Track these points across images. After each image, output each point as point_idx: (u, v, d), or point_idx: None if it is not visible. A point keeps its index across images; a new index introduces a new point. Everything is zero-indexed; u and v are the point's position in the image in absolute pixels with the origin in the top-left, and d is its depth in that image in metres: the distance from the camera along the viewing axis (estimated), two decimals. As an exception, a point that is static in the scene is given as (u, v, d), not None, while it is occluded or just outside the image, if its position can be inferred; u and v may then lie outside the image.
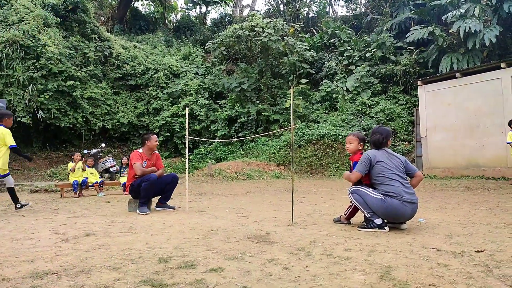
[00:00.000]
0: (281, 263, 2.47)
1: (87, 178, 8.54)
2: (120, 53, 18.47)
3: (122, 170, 9.81)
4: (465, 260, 2.50)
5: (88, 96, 15.89)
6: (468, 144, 11.36)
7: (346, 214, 4.01)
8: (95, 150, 11.68)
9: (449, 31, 14.62)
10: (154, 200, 5.60)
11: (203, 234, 3.54)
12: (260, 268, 2.36)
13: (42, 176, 13.60)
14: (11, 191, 5.63)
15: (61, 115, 15.03)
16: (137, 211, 5.09)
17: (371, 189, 3.65)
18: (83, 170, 8.65)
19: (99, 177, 9.34)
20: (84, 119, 15.78)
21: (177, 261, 2.52)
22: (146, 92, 18.66)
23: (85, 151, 11.93)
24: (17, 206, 5.63)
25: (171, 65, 19.54)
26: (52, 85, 14.45)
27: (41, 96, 14.22)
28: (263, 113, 17.06)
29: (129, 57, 18.74)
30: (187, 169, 5.82)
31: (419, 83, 12.95)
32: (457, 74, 11.86)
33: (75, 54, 16.09)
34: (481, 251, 2.75)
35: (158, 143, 5.66)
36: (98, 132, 16.80)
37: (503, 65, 10.70)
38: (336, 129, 15.00)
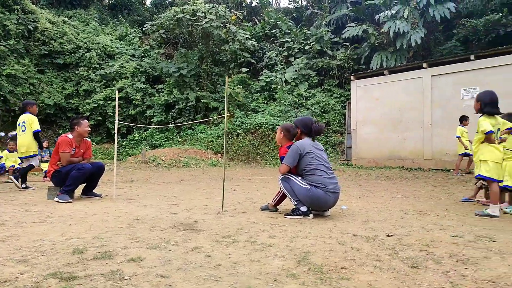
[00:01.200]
0: (204, 251, 2.46)
1: (4, 163, 7.77)
2: (46, 28, 16.91)
3: (43, 153, 9.06)
4: (376, 244, 2.70)
5: (7, 73, 14.38)
6: (391, 137, 12.26)
7: (274, 201, 4.12)
8: (13, 133, 10.63)
9: (381, 30, 15.53)
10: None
11: (128, 223, 3.41)
12: (182, 256, 2.34)
13: (-51, 160, 12.09)
14: (27, 170, 6.39)
15: (-26, 92, 13.46)
16: (57, 199, 4.74)
17: (299, 178, 3.78)
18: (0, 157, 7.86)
19: (19, 163, 8.54)
20: (2, 98, 14.27)
21: (94, 252, 2.39)
22: (76, 72, 17.38)
23: (2, 134, 10.87)
24: (22, 186, 6.29)
25: (105, 45, 18.38)
26: (-38, 59, 12.84)
27: None
28: (202, 100, 16.81)
29: (57, 33, 17.24)
30: (115, 155, 5.55)
31: (352, 78, 13.63)
32: (385, 72, 12.69)
33: (-8, 25, 14.41)
34: (391, 235, 2.98)
35: (89, 129, 5.27)
36: (18, 113, 15.28)
37: (425, 65, 11.65)
38: (274, 119, 15.29)
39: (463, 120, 9.18)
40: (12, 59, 14.97)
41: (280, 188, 3.92)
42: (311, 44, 17.74)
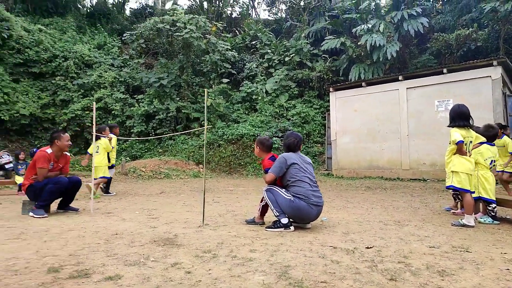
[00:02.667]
0: (184, 267, 2.43)
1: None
2: (21, 36, 16.50)
3: (19, 167, 8.76)
4: (356, 256, 2.74)
5: (-21, 82, 13.91)
6: (370, 147, 12.51)
7: (259, 211, 4.09)
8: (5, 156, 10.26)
9: (358, 43, 15.94)
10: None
11: (106, 238, 3.33)
12: (162, 273, 2.30)
13: None
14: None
15: None
16: (31, 213, 4.59)
17: (284, 189, 3.81)
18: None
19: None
20: (-26, 108, 13.79)
21: (70, 270, 2.32)
22: (53, 81, 16.99)
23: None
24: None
25: (83, 54, 18.08)
26: None
27: None
28: (183, 111, 16.72)
29: (32, 42, 16.85)
30: (93, 167, 5.43)
31: (331, 89, 13.88)
32: (363, 84, 12.99)
33: (-37, 32, 13.96)
34: (370, 247, 3.03)
35: (70, 143, 5.12)
36: (-7, 124, 14.80)
37: (400, 78, 12.00)
38: (255, 129, 15.35)
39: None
40: (-15, 68, 14.52)
41: (263, 198, 3.94)
42: (291, 55, 18.00)
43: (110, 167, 7.45)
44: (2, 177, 9.55)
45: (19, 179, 8.22)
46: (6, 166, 9.96)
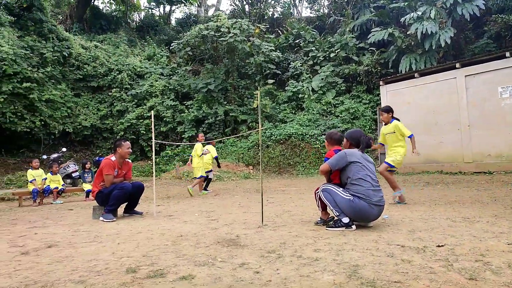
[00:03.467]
0: (252, 267, 2.47)
1: (49, 186, 8.13)
2: (80, 54, 17.79)
3: (86, 175, 9.42)
4: (427, 256, 2.62)
5: (46, 99, 15.18)
6: (426, 141, 11.89)
7: (320, 208, 4.03)
8: (55, 155, 11.19)
9: (408, 33, 15.26)
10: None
11: (172, 240, 3.48)
12: (231, 273, 2.35)
13: (-3, 183, 12.82)
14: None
15: (17, 119, 14.26)
16: (101, 218, 4.92)
17: (341, 189, 3.74)
18: (45, 179, 8.24)
19: (62, 184, 8.93)
20: (43, 122, 15.05)
21: (146, 271, 2.46)
22: (109, 93, 18.11)
23: (44, 156, 11.40)
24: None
25: (135, 65, 19.07)
26: (6, 88, 13.67)
27: (-6, 99, 13.44)
28: (230, 114, 17.03)
29: (90, 58, 18.09)
30: (154, 173, 5.70)
31: (381, 82, 13.41)
32: (416, 74, 12.40)
33: (31, 54, 15.32)
34: (441, 246, 2.88)
35: (130, 151, 5.46)
36: (58, 136, 16.08)
37: (457, 65, 11.30)
38: (303, 128, 15.24)
39: None
40: (50, 85, 15.81)
41: (316, 196, 3.90)
42: (336, 51, 17.66)
43: (209, 171, 9.02)
44: (70, 185, 10.33)
45: (86, 186, 8.84)
46: (73, 175, 10.76)
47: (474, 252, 2.67)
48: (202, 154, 8.54)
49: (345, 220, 3.65)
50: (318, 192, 3.91)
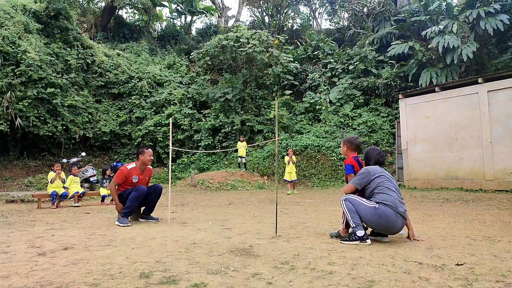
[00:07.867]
0: (265, 278, 2.44)
1: (67, 192, 8.25)
2: (103, 61, 18.26)
3: (105, 181, 9.54)
4: (446, 274, 2.54)
5: (68, 104, 15.60)
6: (446, 156, 11.64)
7: (343, 224, 3.95)
8: (74, 159, 11.43)
9: (429, 46, 15.08)
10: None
11: (186, 247, 3.49)
12: (244, 283, 2.34)
13: (18, 185, 13.16)
14: None
15: (40, 123, 14.68)
16: (116, 222, 4.98)
17: (365, 199, 3.68)
18: (63, 182, 8.39)
19: (81, 187, 9.08)
20: (64, 127, 15.45)
21: (159, 276, 2.46)
22: (129, 100, 18.47)
23: (64, 160, 11.65)
24: None
25: (155, 74, 19.44)
26: (31, 92, 14.13)
27: (19, 103, 13.88)
28: (247, 123, 17.09)
29: (112, 65, 18.55)
30: (169, 180, 5.74)
31: (400, 96, 13.24)
32: (436, 88, 12.20)
33: (56, 61, 15.82)
34: (461, 264, 2.79)
35: (152, 158, 5.56)
36: (78, 141, 16.45)
37: (480, 80, 11.07)
38: (319, 140, 15.14)
39: None
40: (73, 91, 16.25)
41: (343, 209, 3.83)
42: (355, 63, 17.58)
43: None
44: (87, 189, 10.50)
45: (102, 191, 8.98)
46: (91, 179, 10.96)
47: (495, 272, 2.57)
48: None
49: (360, 233, 3.58)
50: (340, 201, 3.83)
